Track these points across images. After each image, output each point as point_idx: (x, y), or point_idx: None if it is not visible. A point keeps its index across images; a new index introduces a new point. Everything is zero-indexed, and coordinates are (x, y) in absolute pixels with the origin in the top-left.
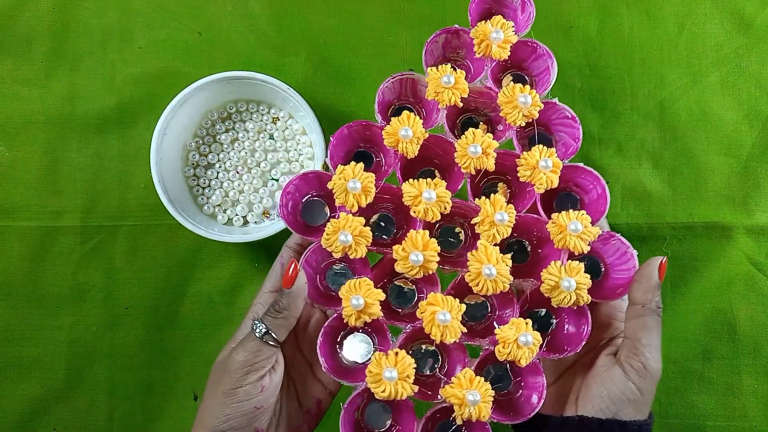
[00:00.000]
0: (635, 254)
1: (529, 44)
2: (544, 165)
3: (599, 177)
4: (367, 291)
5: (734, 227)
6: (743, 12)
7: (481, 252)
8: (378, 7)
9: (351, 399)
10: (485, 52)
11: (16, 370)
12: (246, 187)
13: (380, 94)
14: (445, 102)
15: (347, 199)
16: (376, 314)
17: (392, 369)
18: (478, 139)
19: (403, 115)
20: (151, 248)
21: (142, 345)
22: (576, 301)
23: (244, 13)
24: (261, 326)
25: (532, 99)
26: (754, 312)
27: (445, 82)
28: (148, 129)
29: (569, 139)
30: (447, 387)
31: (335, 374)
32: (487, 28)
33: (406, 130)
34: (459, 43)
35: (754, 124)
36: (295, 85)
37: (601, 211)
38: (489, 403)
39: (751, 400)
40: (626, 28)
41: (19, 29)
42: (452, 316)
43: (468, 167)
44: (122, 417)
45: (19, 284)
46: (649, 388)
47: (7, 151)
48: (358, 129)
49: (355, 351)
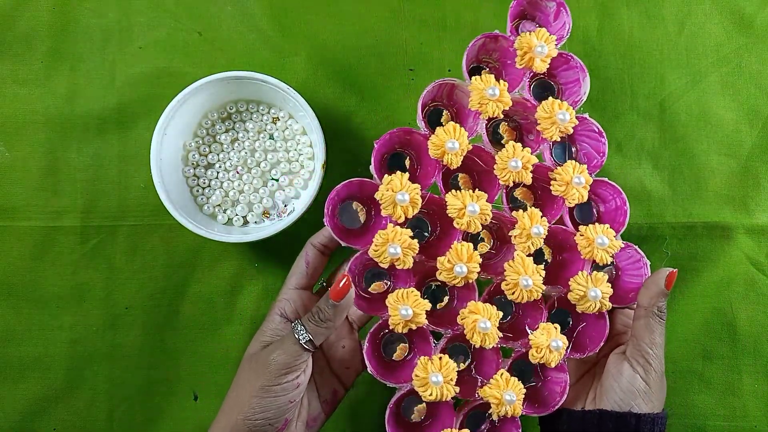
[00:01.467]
0: (648, 264)
1: (563, 56)
2: (577, 181)
3: (620, 191)
4: (414, 302)
5: (734, 227)
6: (743, 12)
7: (518, 263)
8: (378, 7)
9: (396, 399)
10: (528, 65)
11: (16, 370)
12: (246, 187)
13: (423, 99)
14: (489, 114)
15: (395, 211)
16: (423, 323)
17: (438, 374)
18: (518, 154)
19: (449, 126)
20: (151, 248)
21: (142, 345)
22: (600, 308)
23: (244, 13)
24: (304, 333)
25: (570, 116)
26: (754, 312)
27: (491, 95)
28: (148, 129)
29: (593, 152)
30: (486, 387)
31: (381, 377)
32: (532, 41)
33: (452, 143)
34: (495, 47)
35: (754, 124)
36: (295, 85)
37: (621, 222)
38: (521, 400)
39: (751, 399)
40: (626, 28)
41: (19, 29)
42: (492, 323)
43: (507, 180)
44: (122, 417)
45: (19, 284)
46: (655, 382)
47: (7, 151)
48: (399, 135)
49: None
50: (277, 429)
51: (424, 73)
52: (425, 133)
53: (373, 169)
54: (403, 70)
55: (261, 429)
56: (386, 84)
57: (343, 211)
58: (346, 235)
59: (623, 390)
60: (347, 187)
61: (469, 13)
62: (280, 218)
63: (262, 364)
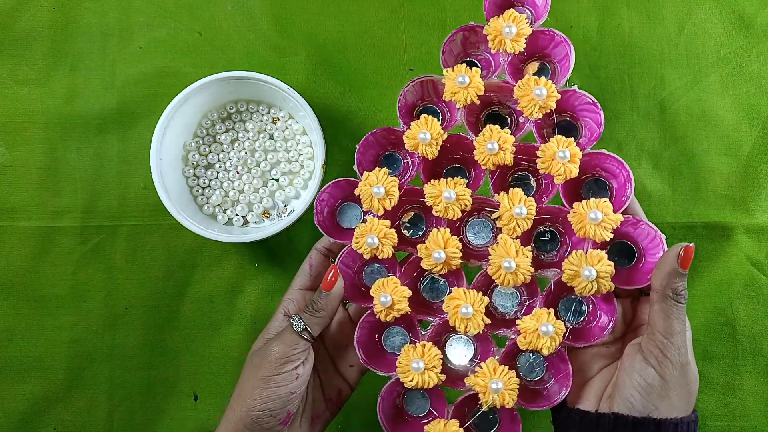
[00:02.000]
0: (663, 239)
1: (546, 33)
2: (561, 156)
3: (623, 162)
4: (394, 289)
5: (734, 227)
6: (743, 12)
7: (501, 246)
8: (378, 7)
9: (386, 388)
10: (500, 47)
11: (16, 370)
12: (246, 187)
13: (401, 98)
14: (462, 101)
15: (372, 203)
16: (404, 310)
17: (419, 360)
18: (494, 136)
19: (421, 118)
20: (151, 248)
21: (142, 345)
22: (598, 289)
23: (244, 13)
24: (300, 323)
25: (548, 90)
26: (754, 312)
27: (460, 82)
28: (148, 129)
29: (593, 124)
30: (471, 375)
31: (370, 364)
32: (499, 23)
33: (424, 133)
34: (477, 39)
35: (754, 123)
36: (295, 85)
37: (627, 195)
38: (513, 390)
39: (752, 399)
40: (626, 28)
41: (19, 29)
42: (475, 309)
43: (487, 163)
44: (122, 417)
45: (19, 284)
46: (673, 376)
47: (7, 151)
48: (383, 134)
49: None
50: (280, 421)
51: (423, 73)
52: (404, 129)
53: (356, 167)
54: (403, 70)
55: (264, 421)
56: (386, 84)
57: (346, 211)
58: (341, 233)
59: (636, 386)
60: (336, 186)
61: (469, 13)
62: (280, 218)
63: (263, 357)
